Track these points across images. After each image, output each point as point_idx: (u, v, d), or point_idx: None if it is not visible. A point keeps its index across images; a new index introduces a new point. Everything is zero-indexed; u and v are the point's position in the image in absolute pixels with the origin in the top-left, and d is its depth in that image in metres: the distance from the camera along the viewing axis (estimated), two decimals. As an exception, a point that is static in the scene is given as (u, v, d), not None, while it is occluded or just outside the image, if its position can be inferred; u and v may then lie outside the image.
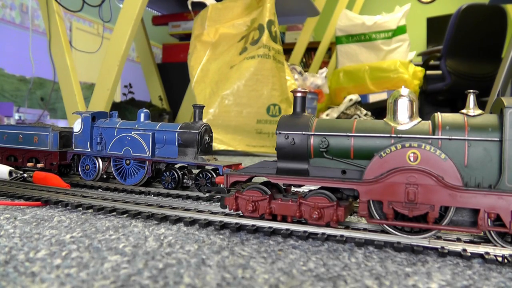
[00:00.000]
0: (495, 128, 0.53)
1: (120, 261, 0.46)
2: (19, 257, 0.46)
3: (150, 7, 4.54)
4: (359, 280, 0.42)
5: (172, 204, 0.76)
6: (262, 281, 0.41)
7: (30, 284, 0.38)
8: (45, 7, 2.53)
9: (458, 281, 0.43)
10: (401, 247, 0.53)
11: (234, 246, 0.53)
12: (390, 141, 0.56)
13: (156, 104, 3.86)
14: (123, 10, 2.41)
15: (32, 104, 3.46)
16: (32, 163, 1.13)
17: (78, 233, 0.57)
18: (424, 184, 0.53)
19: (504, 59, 2.53)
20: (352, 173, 0.59)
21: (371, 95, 3.05)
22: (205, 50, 2.60)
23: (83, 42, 4.57)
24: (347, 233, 0.57)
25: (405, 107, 0.57)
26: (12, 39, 4.12)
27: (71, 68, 2.54)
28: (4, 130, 1.17)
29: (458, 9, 3.31)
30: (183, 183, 1.00)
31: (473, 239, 0.57)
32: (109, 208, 0.72)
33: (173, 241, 0.55)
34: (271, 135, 2.19)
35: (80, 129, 1.08)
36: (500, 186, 0.52)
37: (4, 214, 0.68)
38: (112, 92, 2.46)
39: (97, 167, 1.07)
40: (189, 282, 0.40)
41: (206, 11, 2.70)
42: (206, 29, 2.66)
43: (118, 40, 2.39)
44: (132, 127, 1.03)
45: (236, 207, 0.63)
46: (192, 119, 1.03)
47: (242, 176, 0.63)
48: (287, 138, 0.60)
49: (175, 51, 4.16)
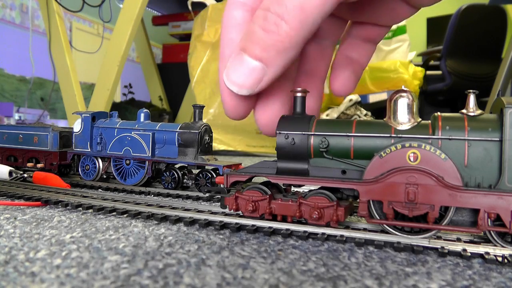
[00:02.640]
0: (495, 128, 0.53)
1: (120, 261, 0.46)
2: (19, 257, 0.46)
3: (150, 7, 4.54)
4: (359, 280, 0.42)
5: (172, 204, 0.76)
6: (262, 281, 0.41)
7: (30, 284, 0.38)
8: (45, 7, 2.53)
9: (458, 281, 0.43)
10: (401, 247, 0.53)
11: (234, 246, 0.53)
12: (390, 141, 0.56)
13: (156, 104, 3.86)
14: (123, 10, 2.42)
15: (32, 104, 3.46)
16: (32, 163, 1.13)
17: (78, 233, 0.57)
18: (424, 184, 0.53)
19: (504, 59, 2.53)
20: (352, 173, 0.59)
21: (371, 95, 3.05)
22: (205, 50, 2.60)
23: (83, 42, 4.58)
24: (347, 233, 0.57)
25: (405, 107, 0.57)
26: (12, 39, 4.12)
27: (71, 68, 2.54)
28: (4, 130, 1.18)
29: (458, 10, 3.32)
30: (183, 183, 1.00)
31: (473, 239, 0.57)
32: (109, 208, 0.72)
33: (173, 241, 0.55)
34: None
35: (80, 129, 1.08)
36: (500, 186, 0.52)
37: (4, 214, 0.68)
38: (112, 92, 2.46)
39: (97, 167, 1.07)
40: (189, 282, 0.40)
41: (206, 11, 2.70)
42: (206, 29, 2.66)
43: (118, 40, 2.39)
44: (132, 127, 1.03)
45: (236, 207, 0.63)
46: (192, 119, 1.03)
47: (242, 176, 0.63)
48: (287, 138, 0.60)
49: (175, 51, 4.16)
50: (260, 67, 0.50)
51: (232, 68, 0.53)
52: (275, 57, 0.50)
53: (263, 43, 0.50)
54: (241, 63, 0.52)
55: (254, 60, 0.50)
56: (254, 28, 0.50)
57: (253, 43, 0.50)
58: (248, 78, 0.51)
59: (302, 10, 0.47)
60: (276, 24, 0.48)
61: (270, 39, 0.49)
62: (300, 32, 0.48)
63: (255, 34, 0.50)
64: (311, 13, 0.47)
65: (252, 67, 0.51)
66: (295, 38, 0.48)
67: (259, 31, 0.49)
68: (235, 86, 0.52)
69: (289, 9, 0.47)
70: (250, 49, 0.50)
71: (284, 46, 0.49)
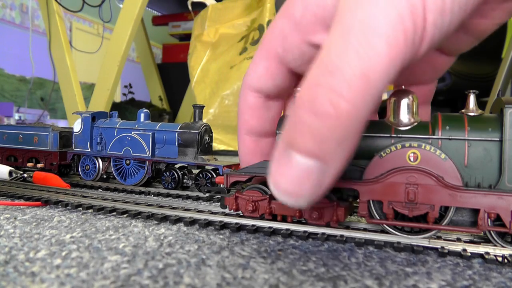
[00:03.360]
0: (495, 128, 0.53)
1: (120, 261, 0.46)
2: (19, 257, 0.46)
3: (150, 7, 4.54)
4: (359, 280, 0.42)
5: (172, 204, 0.76)
6: (262, 281, 0.41)
7: (30, 284, 0.38)
8: (45, 7, 2.53)
9: (458, 281, 0.43)
10: (401, 247, 0.53)
11: (234, 246, 0.53)
12: (390, 141, 0.56)
13: (156, 104, 3.86)
14: (123, 10, 2.42)
15: (32, 104, 3.46)
16: (32, 163, 1.13)
17: (78, 233, 0.57)
18: (424, 184, 0.53)
19: (504, 59, 2.53)
20: (352, 173, 0.59)
21: (371, 95, 3.05)
22: (205, 50, 2.60)
23: (83, 42, 4.58)
24: (347, 233, 0.57)
25: (405, 107, 0.57)
26: (12, 39, 4.12)
27: (71, 68, 2.54)
28: (4, 130, 1.18)
29: (458, 9, 3.30)
30: (183, 183, 1.00)
31: (473, 239, 0.57)
32: (109, 208, 0.72)
33: (173, 241, 0.55)
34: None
35: (80, 129, 1.08)
36: (500, 186, 0.52)
37: (4, 214, 0.68)
38: (112, 92, 2.46)
39: (97, 167, 1.07)
40: (189, 282, 0.40)
41: (206, 11, 2.70)
42: (206, 29, 2.66)
43: (118, 40, 2.39)
44: (132, 127, 1.03)
45: (236, 207, 0.63)
46: (192, 119, 1.03)
47: (242, 176, 0.63)
48: (287, 138, 0.60)
49: (175, 51, 4.16)
50: (317, 166, 0.38)
51: (280, 173, 0.39)
52: (336, 149, 0.37)
53: (316, 133, 0.37)
54: (289, 164, 0.38)
55: (308, 158, 0.38)
56: (301, 113, 0.37)
57: (303, 135, 0.37)
58: (304, 185, 0.38)
59: (365, 79, 0.35)
60: (332, 104, 0.35)
61: (326, 126, 0.36)
62: (364, 110, 0.36)
63: (303, 122, 0.37)
64: (376, 79, 0.35)
65: (307, 168, 0.38)
66: (360, 119, 0.36)
67: (309, 117, 0.37)
68: (288, 197, 0.40)
69: (349, 79, 0.35)
70: (300, 144, 0.38)
71: (345, 132, 0.36)
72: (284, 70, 0.53)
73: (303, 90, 0.38)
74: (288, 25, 0.48)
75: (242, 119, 0.57)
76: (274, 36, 0.50)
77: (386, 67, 0.35)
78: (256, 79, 0.54)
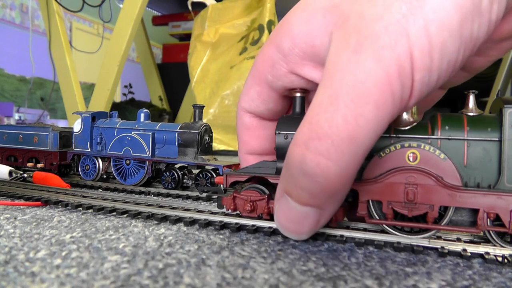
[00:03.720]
0: (494, 128, 0.53)
1: (120, 261, 0.46)
2: (19, 257, 0.46)
3: (150, 7, 4.54)
4: (359, 280, 0.42)
5: (172, 204, 0.76)
6: (262, 281, 0.41)
7: (30, 284, 0.38)
8: (45, 7, 2.53)
9: (458, 281, 0.43)
10: (401, 247, 0.53)
11: (234, 246, 0.53)
12: (389, 141, 0.56)
13: (156, 104, 3.87)
14: (123, 10, 2.42)
15: (32, 104, 3.46)
16: (32, 163, 1.13)
17: (78, 233, 0.57)
18: (424, 184, 0.53)
19: (504, 59, 2.53)
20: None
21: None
22: (205, 50, 2.60)
23: (83, 42, 4.58)
24: (347, 233, 0.57)
25: (404, 107, 0.57)
26: (12, 39, 4.12)
27: (71, 68, 2.55)
28: (4, 130, 1.18)
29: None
30: (183, 183, 1.00)
31: (473, 239, 0.57)
32: (109, 208, 0.72)
33: (173, 241, 0.55)
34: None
35: (80, 129, 1.08)
36: (500, 186, 0.52)
37: (4, 214, 0.68)
38: (112, 92, 2.46)
39: (97, 167, 1.07)
40: (189, 282, 0.40)
41: (206, 11, 2.70)
42: (206, 29, 2.66)
43: (118, 40, 2.39)
44: (132, 127, 1.03)
45: (234, 207, 0.63)
46: (192, 119, 1.03)
47: (241, 176, 0.63)
48: (286, 138, 0.60)
49: (175, 51, 4.16)
50: (313, 211, 0.43)
51: (281, 213, 0.45)
52: (329, 200, 0.41)
53: (308, 190, 0.40)
54: (289, 208, 0.43)
55: (303, 206, 0.42)
56: (292, 171, 0.40)
57: (297, 190, 0.41)
58: (303, 225, 0.44)
59: (353, 142, 0.36)
60: (320, 167, 0.37)
61: (315, 186, 0.39)
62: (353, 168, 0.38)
63: (295, 179, 0.40)
64: (363, 140, 0.37)
65: (304, 212, 0.43)
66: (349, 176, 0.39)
67: (299, 176, 0.39)
68: (291, 234, 0.47)
69: (336, 144, 0.36)
70: (296, 196, 0.42)
71: (335, 189, 0.39)
72: (275, 95, 0.55)
73: (294, 148, 0.40)
74: (276, 55, 0.49)
75: (241, 140, 0.59)
76: (264, 62, 0.51)
77: (373, 128, 0.37)
78: (249, 102, 0.56)
